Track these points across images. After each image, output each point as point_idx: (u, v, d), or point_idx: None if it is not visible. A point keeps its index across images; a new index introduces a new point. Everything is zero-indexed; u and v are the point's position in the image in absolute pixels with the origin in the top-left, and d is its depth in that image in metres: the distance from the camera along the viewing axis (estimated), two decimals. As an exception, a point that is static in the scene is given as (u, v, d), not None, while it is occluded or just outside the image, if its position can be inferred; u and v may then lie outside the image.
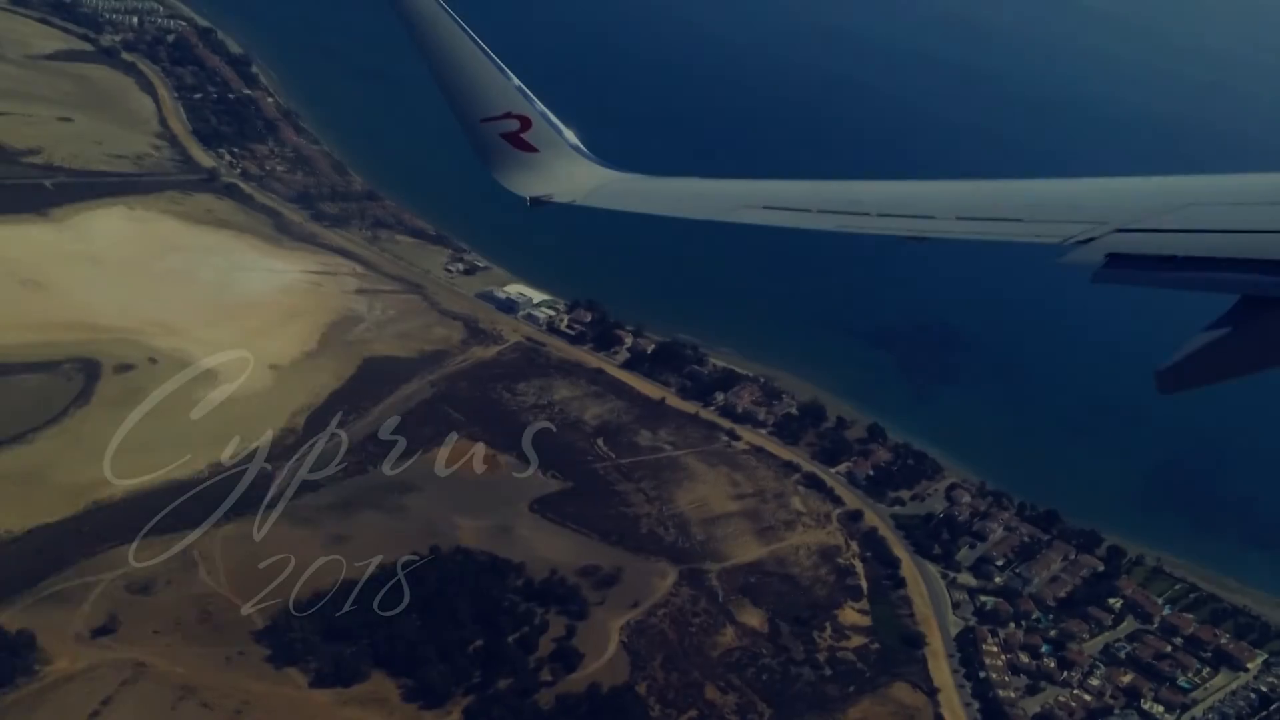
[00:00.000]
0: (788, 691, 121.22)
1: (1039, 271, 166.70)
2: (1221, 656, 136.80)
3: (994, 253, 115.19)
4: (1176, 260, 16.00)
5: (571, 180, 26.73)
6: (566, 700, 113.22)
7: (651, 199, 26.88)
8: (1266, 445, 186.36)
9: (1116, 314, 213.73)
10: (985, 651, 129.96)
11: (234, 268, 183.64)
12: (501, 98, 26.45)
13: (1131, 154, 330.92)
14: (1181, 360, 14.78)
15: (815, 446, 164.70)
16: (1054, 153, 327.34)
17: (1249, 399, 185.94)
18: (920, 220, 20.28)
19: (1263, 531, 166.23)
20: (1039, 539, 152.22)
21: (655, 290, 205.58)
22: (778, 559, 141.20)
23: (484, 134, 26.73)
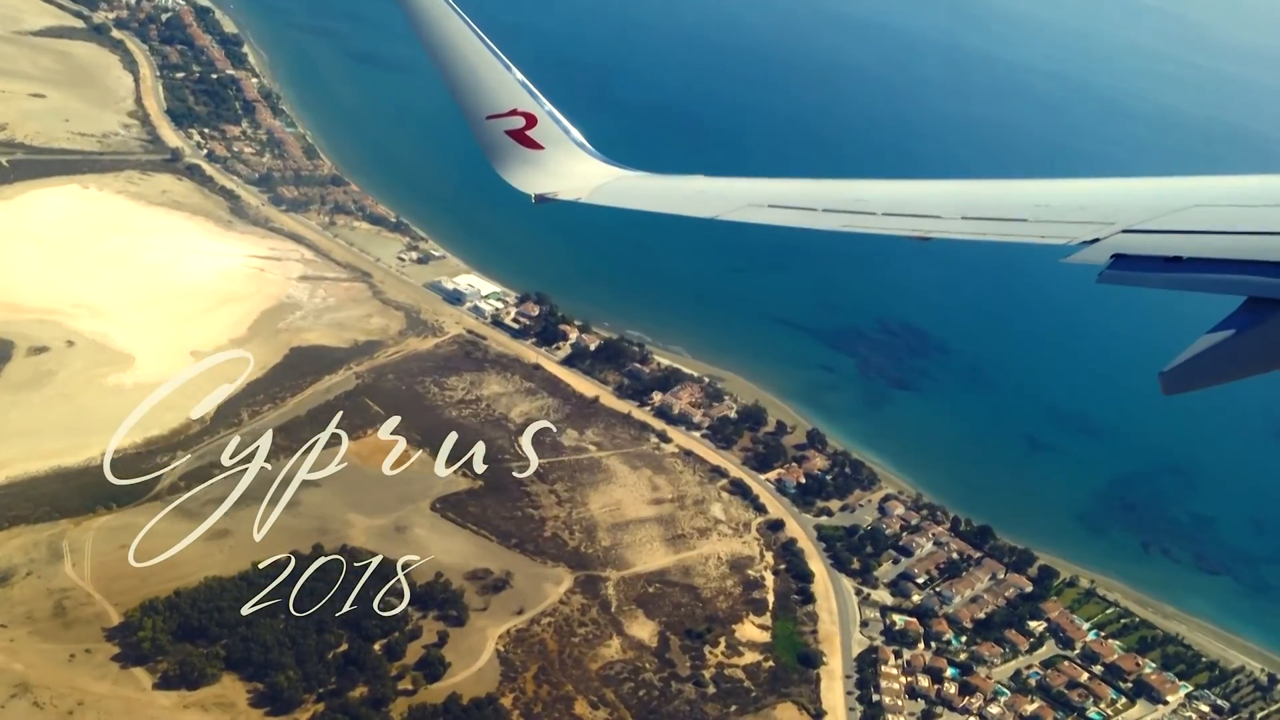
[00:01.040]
0: (662, 709, 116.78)
1: (1020, 276, 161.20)
2: (1142, 687, 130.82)
3: (976, 256, 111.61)
4: (1182, 261, 16.05)
5: (576, 177, 26.77)
6: (420, 711, 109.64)
7: (655, 197, 26.57)
8: (1228, 470, 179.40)
9: (1094, 326, 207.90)
10: (884, 674, 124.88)
11: (178, 250, 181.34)
12: (507, 95, 26.58)
13: (1162, 152, 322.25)
14: (1186, 361, 14.85)
15: (749, 452, 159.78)
16: (1080, 150, 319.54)
17: (1215, 420, 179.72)
18: (925, 220, 20.24)
19: (1213, 558, 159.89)
20: (969, 556, 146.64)
21: (617, 285, 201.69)
22: (683, 568, 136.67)
23: (489, 130, 26.85)
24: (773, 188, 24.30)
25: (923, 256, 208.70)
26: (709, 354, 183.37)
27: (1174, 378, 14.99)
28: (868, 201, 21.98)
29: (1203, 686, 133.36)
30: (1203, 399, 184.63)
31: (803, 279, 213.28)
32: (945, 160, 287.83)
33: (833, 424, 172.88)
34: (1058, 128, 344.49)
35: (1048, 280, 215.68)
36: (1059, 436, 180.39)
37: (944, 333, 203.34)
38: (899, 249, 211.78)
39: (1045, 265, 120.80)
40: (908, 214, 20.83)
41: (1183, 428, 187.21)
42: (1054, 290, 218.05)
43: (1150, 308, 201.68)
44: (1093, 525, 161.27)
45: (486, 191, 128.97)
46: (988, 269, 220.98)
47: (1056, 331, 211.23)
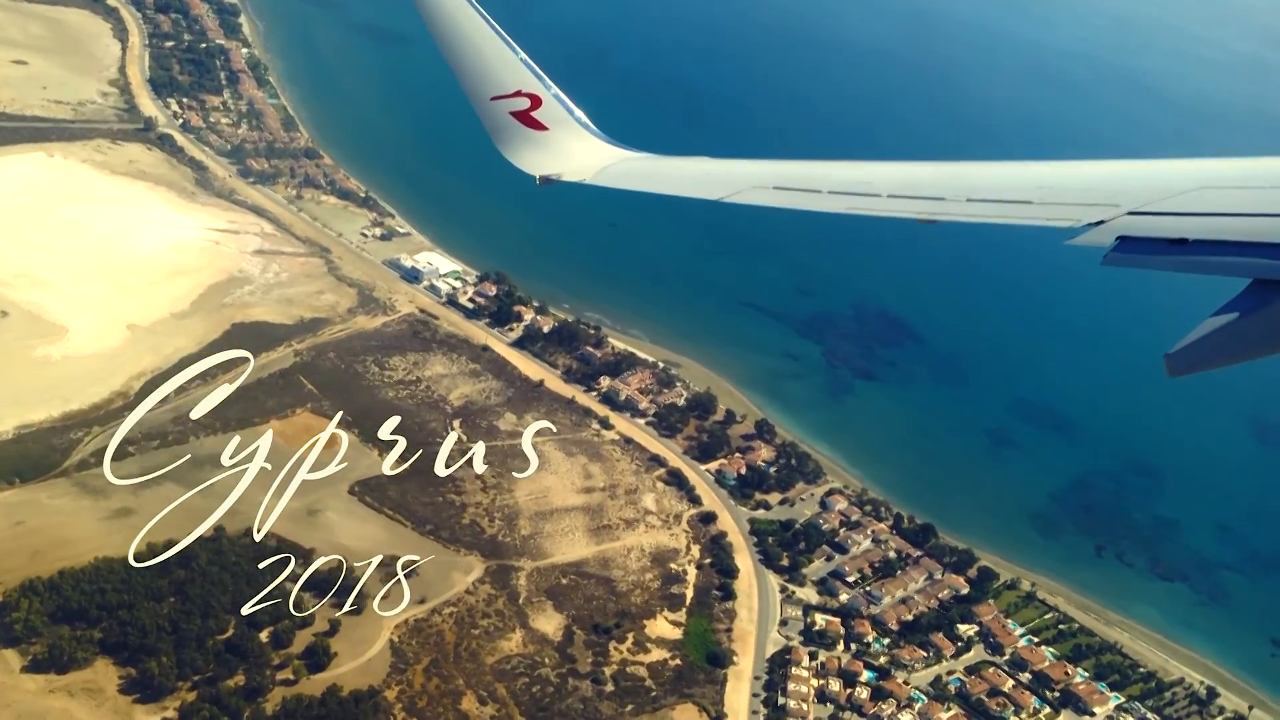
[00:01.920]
0: (554, 707, 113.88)
1: (1007, 266, 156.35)
2: (1069, 698, 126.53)
3: (964, 244, 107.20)
4: (1188, 243, 16.10)
5: (581, 159, 26.76)
6: (296, 703, 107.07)
7: (660, 179, 26.49)
8: (1200, 472, 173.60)
9: (1079, 318, 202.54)
10: (794, 676, 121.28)
11: (135, 221, 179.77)
12: (512, 76, 26.67)
13: (1189, 141, 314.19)
14: (1192, 344, 14.91)
15: (693, 441, 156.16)
16: (1103, 136, 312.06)
17: (1195, 419, 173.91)
18: (931, 202, 20.32)
19: (1170, 563, 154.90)
20: (907, 555, 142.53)
21: (585, 266, 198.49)
22: (603, 560, 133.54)
23: (494, 112, 26.87)
24: (777, 169, 24.09)
25: (908, 244, 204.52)
26: (669, 339, 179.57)
27: (1179, 360, 15.05)
28: (872, 183, 21.92)
29: (1136, 698, 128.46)
30: (1184, 397, 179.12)
31: (779, 264, 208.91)
32: (966, 144, 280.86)
33: (788, 414, 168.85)
34: (1083, 113, 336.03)
35: (1035, 270, 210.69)
36: (1026, 433, 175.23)
37: (921, 322, 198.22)
38: (885, 235, 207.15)
39: (1035, 255, 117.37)
40: (912, 196, 20.83)
41: (1159, 426, 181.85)
42: (1040, 281, 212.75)
43: (1136, 301, 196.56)
44: (1046, 526, 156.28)
45: (466, 169, 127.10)
46: (974, 258, 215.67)
47: (1039, 324, 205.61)
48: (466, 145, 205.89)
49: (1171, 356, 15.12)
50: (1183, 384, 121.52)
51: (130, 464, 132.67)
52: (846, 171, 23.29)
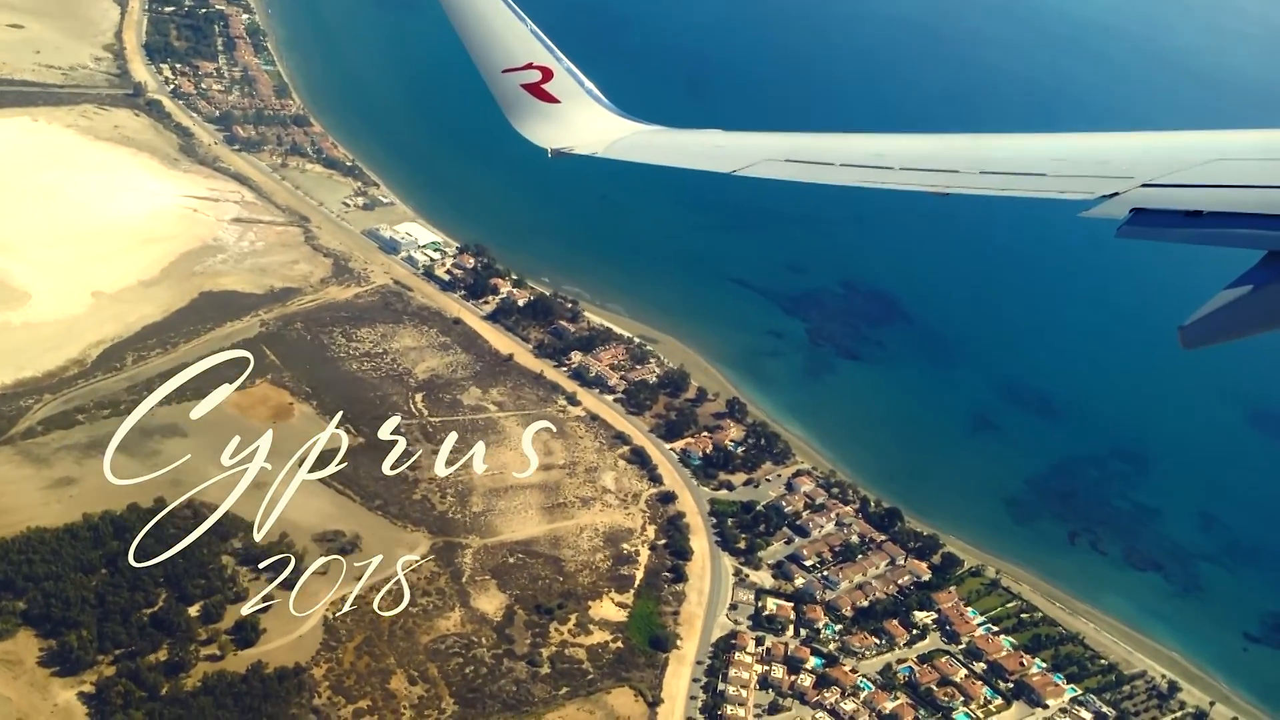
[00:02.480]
0: (485, 689, 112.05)
1: (1004, 245, 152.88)
2: (1022, 689, 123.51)
3: (962, 222, 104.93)
4: (1202, 215, 16.11)
5: (592, 131, 26.71)
6: (218, 679, 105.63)
7: (671, 151, 26.68)
8: (1189, 458, 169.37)
9: (1075, 299, 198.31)
10: (737, 662, 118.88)
11: (112, 188, 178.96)
12: (523, 48, 26.49)
13: (1218, 117, 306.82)
14: (1206, 316, 15.06)
15: (661, 419, 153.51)
16: (1131, 113, 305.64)
17: (1188, 404, 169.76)
18: (944, 174, 20.26)
19: (1146, 553, 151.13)
20: (871, 539, 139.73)
21: (570, 240, 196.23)
22: (553, 539, 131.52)
23: (505, 84, 26.74)
24: (789, 142, 23.95)
25: (907, 222, 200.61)
26: (649, 314, 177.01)
27: (1193, 332, 15.05)
28: (885, 156, 21.97)
29: (1093, 690, 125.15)
30: (1181, 381, 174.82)
31: (773, 240, 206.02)
32: (985, 119, 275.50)
33: (764, 393, 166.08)
34: (1109, 88, 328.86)
35: (1038, 250, 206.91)
36: (1011, 416, 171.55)
37: (914, 302, 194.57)
38: (885, 212, 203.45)
39: (1039, 233, 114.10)
40: (925, 168, 20.83)
41: (1152, 411, 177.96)
42: (1042, 261, 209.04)
43: (1139, 281, 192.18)
44: (1021, 512, 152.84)
45: (461, 140, 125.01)
46: (976, 236, 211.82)
47: (1040, 305, 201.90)
48: (463, 116, 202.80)
49: (1186, 329, 15.11)
50: (1180, 368, 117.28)
51: (79, 432, 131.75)
52: (859, 144, 23.43)
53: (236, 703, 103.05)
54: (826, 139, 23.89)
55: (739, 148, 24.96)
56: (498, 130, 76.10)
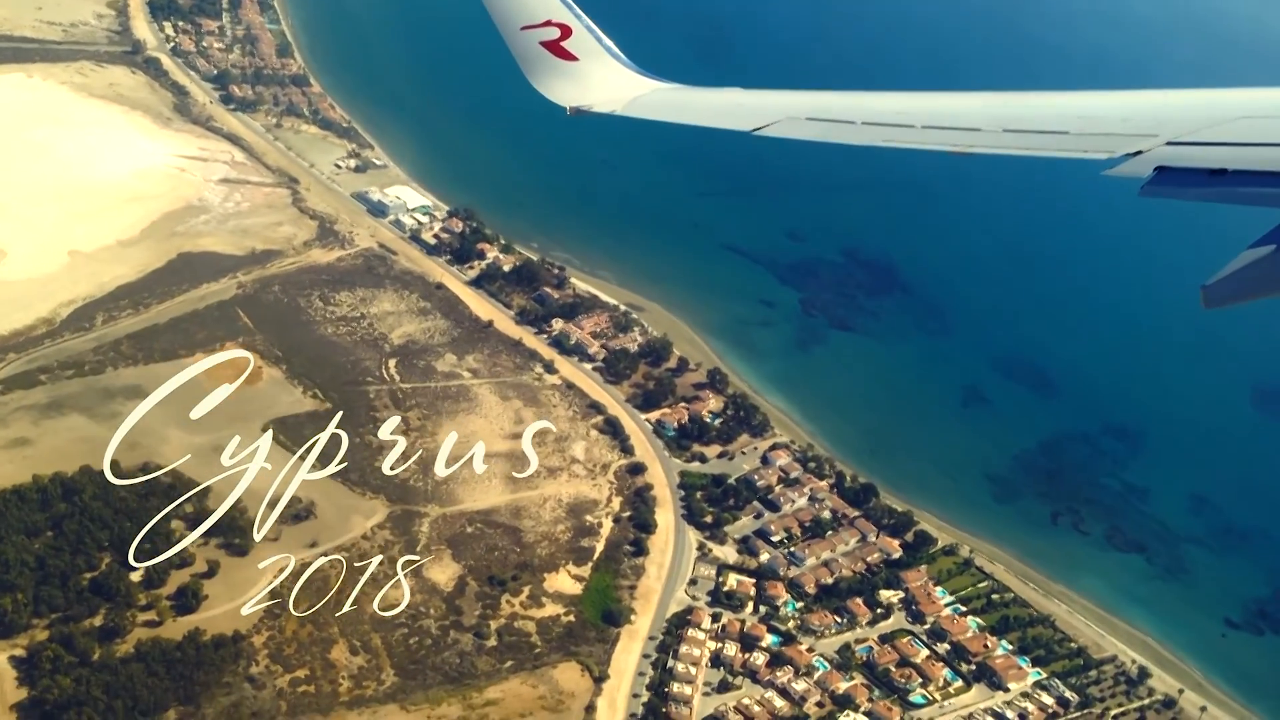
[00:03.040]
0: (427, 660, 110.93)
1: (1012, 214, 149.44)
2: (985, 672, 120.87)
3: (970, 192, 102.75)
4: (1227, 174, 16.07)
5: (611, 89, 26.48)
6: (152, 646, 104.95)
7: (691, 110, 26.43)
8: (1186, 437, 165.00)
9: (1080, 270, 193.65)
10: (689, 639, 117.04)
11: (102, 146, 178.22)
12: (542, 5, 26.31)
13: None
14: (1229, 276, 14.91)
15: (639, 388, 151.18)
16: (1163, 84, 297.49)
17: (1192, 380, 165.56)
18: (966, 133, 20.20)
19: (1130, 534, 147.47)
20: (843, 515, 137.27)
21: (565, 204, 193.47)
22: (515, 509, 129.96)
23: (524, 41, 26.55)
24: (810, 100, 23.91)
25: (913, 190, 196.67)
26: (637, 282, 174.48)
27: (1215, 292, 14.91)
28: (907, 115, 21.73)
29: (1059, 674, 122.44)
30: (1184, 357, 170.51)
31: (773, 206, 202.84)
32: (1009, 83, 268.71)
33: (748, 363, 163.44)
34: (1141, 55, 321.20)
35: (1042, 221, 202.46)
36: (1003, 390, 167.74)
37: (913, 272, 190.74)
38: (891, 179, 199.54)
39: (1043, 203, 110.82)
40: (947, 127, 20.69)
41: (1152, 388, 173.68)
42: (1046, 233, 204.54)
43: (1143, 255, 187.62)
44: (1003, 490, 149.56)
45: (462, 103, 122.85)
46: (979, 205, 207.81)
47: (1039, 277, 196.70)
48: (468, 78, 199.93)
49: (1208, 288, 14.93)
50: (1189, 343, 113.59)
51: (39, 393, 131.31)
52: (880, 102, 23.31)
53: (169, 670, 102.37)
54: (847, 97, 23.87)
55: (759, 106, 24.48)
56: (502, 94, 72.07)
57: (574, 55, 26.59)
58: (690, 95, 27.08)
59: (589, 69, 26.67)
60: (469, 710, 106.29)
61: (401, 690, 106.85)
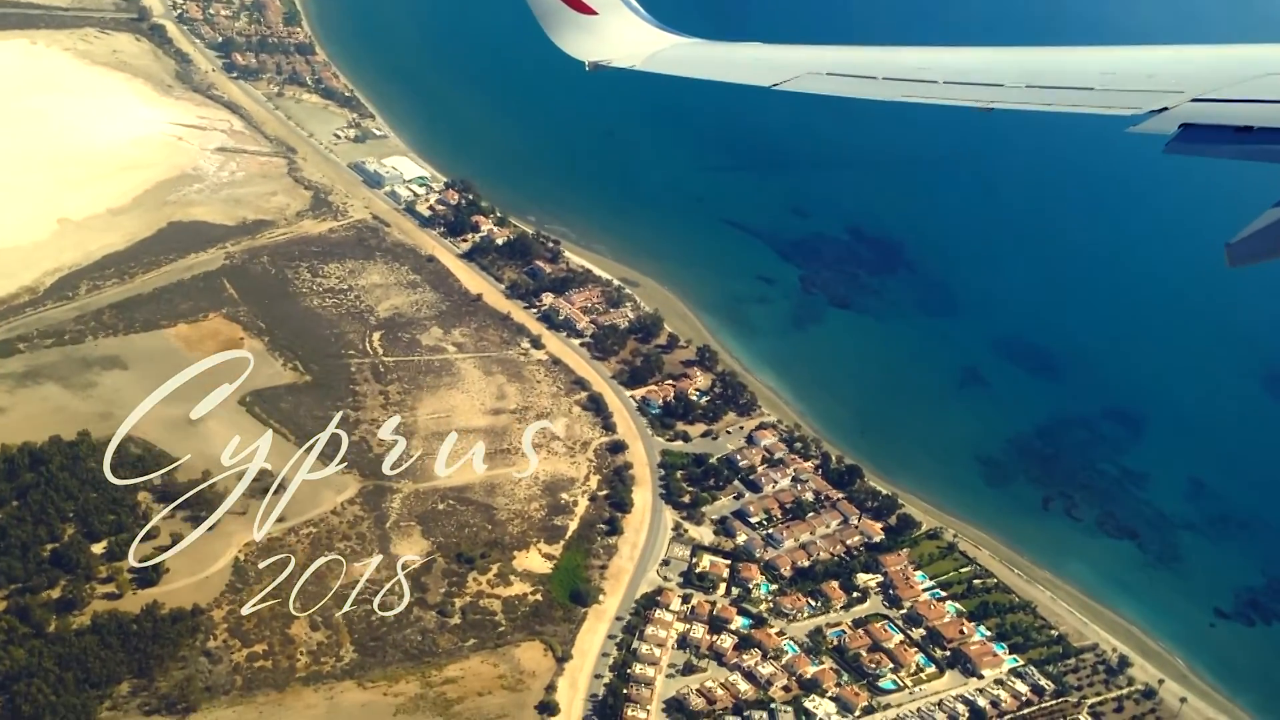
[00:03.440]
0: (388, 638, 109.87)
1: (1025, 189, 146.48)
2: (959, 658, 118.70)
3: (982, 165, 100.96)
4: (1254, 131, 15.83)
5: (630, 44, 26.44)
6: (109, 619, 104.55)
7: (711, 64, 26.14)
8: (1190, 421, 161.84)
9: (1090, 254, 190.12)
10: (656, 620, 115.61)
11: (99, 113, 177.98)
12: None
13: None
14: (1254, 234, 14.92)
15: (627, 364, 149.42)
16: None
17: (1201, 362, 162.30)
18: (989, 89, 20.07)
19: (1124, 520, 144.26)
20: (826, 497, 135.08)
21: (566, 177, 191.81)
22: (489, 486, 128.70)
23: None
24: (831, 55, 23.78)
25: (921, 165, 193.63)
26: (634, 256, 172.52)
27: (1239, 250, 14.93)
28: (929, 70, 21.68)
29: (1037, 662, 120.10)
30: (1195, 338, 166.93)
31: (780, 181, 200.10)
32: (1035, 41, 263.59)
33: (741, 341, 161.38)
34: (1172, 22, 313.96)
35: (1051, 200, 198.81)
36: (1003, 371, 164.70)
37: (919, 249, 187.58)
38: (900, 153, 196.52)
39: (1054, 181, 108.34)
40: (970, 83, 20.54)
41: (1158, 369, 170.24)
42: (1055, 212, 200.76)
43: (1155, 233, 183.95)
44: (995, 473, 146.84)
45: (470, 73, 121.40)
46: (989, 181, 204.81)
47: (1047, 257, 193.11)
48: (475, 48, 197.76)
49: (1232, 246, 14.88)
50: (1200, 325, 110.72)
51: (16, 362, 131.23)
52: (902, 57, 23.12)
53: (123, 643, 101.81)
54: (869, 52, 23.63)
55: (779, 61, 24.33)
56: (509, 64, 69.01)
57: (593, 9, 26.40)
58: (710, 50, 26.80)
59: (608, 23, 26.53)
60: (427, 688, 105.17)
61: (360, 667, 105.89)
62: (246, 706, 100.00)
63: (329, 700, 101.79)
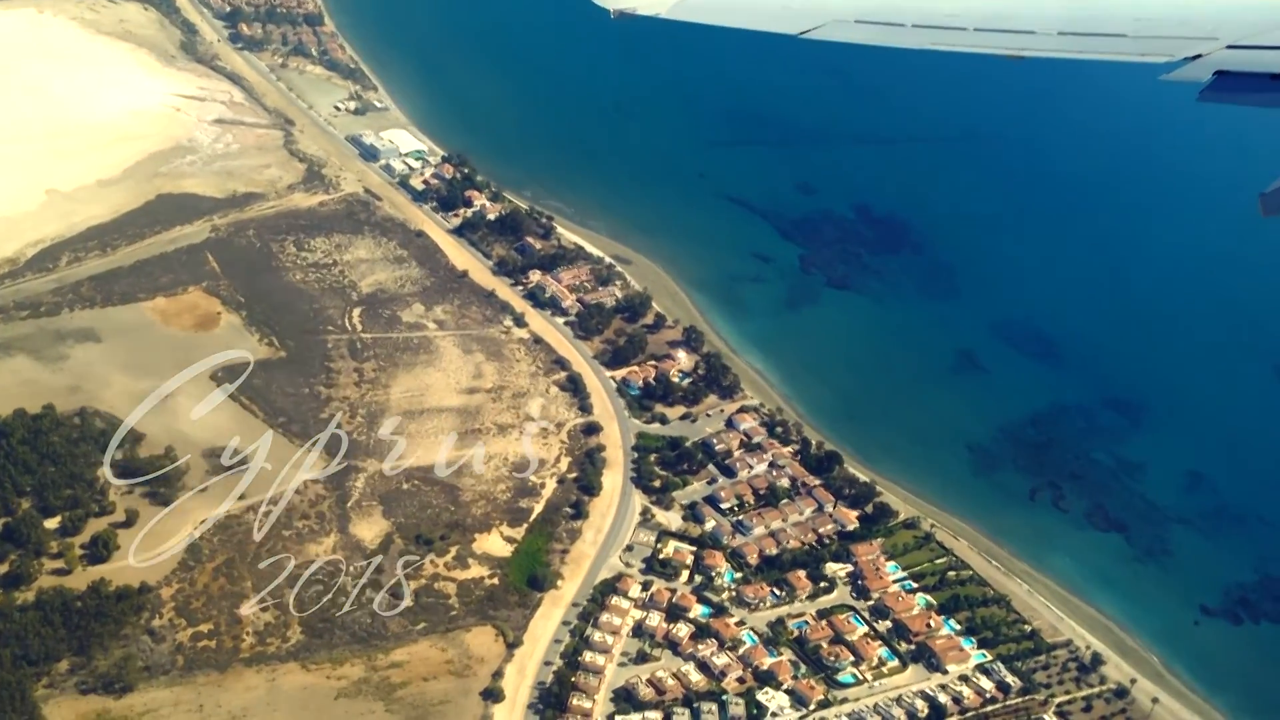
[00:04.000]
0: (340, 619, 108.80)
1: (1038, 169, 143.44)
2: (924, 652, 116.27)
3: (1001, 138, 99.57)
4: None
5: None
6: (54, 595, 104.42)
7: (738, 11, 25.83)
8: (1194, 411, 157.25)
9: (1102, 236, 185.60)
10: (612, 607, 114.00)
11: (100, 84, 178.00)
12: None
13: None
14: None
15: (610, 344, 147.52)
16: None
17: (1212, 351, 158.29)
18: (1020, 36, 19.89)
19: (1113, 512, 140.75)
20: (802, 483, 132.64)
21: (570, 152, 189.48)
22: (456, 467, 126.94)
23: None
24: (859, 2, 23.17)
25: (934, 143, 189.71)
26: (629, 233, 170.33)
27: (1274, 200, 14.94)
28: (959, 16, 21.06)
29: (1006, 658, 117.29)
30: (1207, 324, 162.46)
31: (785, 157, 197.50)
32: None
33: (731, 322, 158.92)
34: None
35: (1065, 179, 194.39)
36: (1003, 355, 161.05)
37: (926, 229, 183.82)
38: (914, 131, 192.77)
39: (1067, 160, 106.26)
40: (1001, 30, 20.13)
41: (1165, 357, 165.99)
42: (1068, 193, 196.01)
43: (1169, 216, 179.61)
44: (984, 462, 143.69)
45: (480, 44, 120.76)
46: (1001, 159, 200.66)
47: (1058, 239, 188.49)
48: (484, 20, 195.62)
49: (1266, 196, 14.88)
50: (1213, 310, 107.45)
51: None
52: (932, 4, 22.44)
53: (65, 621, 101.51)
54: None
55: (806, 8, 23.51)
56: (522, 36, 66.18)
57: None
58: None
59: None
60: (371, 671, 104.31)
61: (306, 649, 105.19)
62: (185, 687, 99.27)
63: (270, 682, 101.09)
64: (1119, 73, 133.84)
